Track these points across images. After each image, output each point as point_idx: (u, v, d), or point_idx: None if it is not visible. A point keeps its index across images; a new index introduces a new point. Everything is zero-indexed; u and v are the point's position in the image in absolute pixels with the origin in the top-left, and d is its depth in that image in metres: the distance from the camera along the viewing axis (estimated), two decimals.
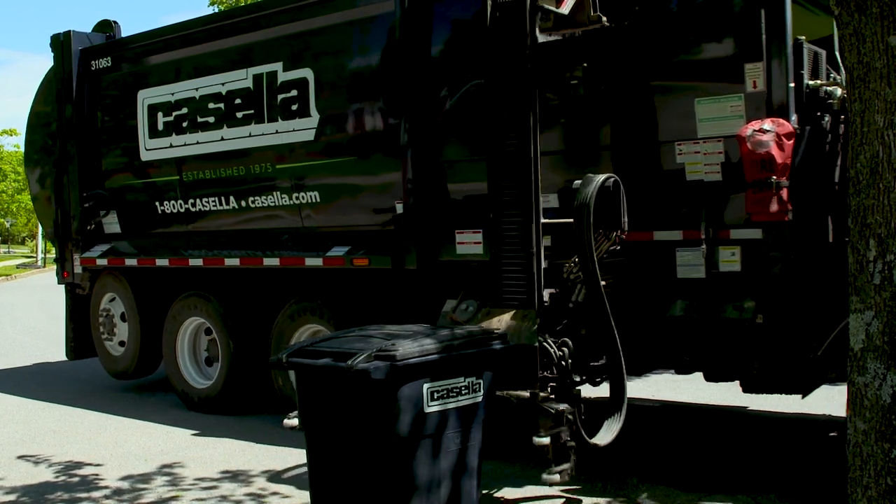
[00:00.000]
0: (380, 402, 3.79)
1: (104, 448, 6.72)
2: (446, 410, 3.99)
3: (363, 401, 3.83)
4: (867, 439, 3.26)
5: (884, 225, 3.19)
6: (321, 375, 3.98)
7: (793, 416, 6.86)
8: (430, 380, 3.93)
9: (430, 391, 3.92)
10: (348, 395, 3.88)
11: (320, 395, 4.03)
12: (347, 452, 3.94)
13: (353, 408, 3.89)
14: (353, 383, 3.80)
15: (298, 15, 6.96)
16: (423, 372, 3.91)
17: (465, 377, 4.09)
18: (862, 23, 3.18)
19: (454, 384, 4.01)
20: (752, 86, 4.97)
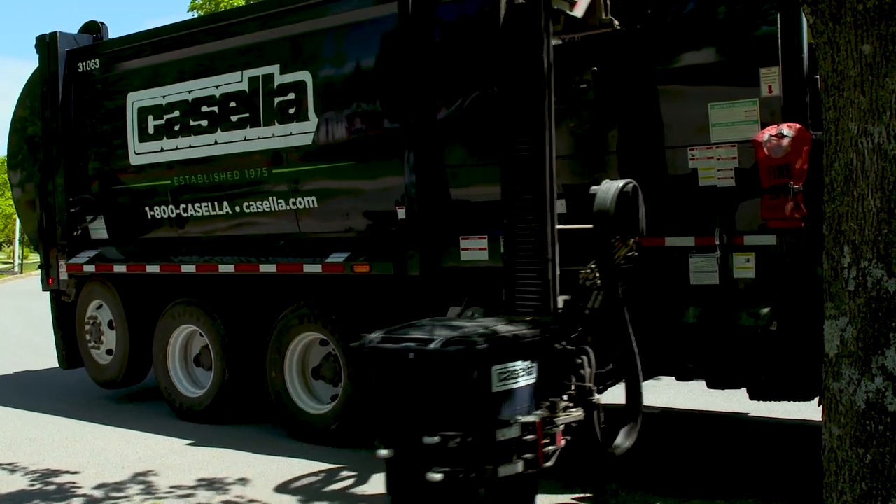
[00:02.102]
0: (454, 380, 4.27)
1: (81, 456, 6.66)
2: (509, 390, 4.38)
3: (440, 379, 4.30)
4: (842, 444, 3.30)
5: (858, 232, 3.21)
6: (403, 359, 4.38)
7: (790, 422, 6.85)
8: (499, 363, 4.33)
9: (496, 372, 4.32)
10: (427, 375, 4.32)
11: (399, 377, 4.44)
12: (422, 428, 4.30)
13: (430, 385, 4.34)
14: (433, 364, 4.27)
15: (297, 17, 6.85)
16: (494, 356, 4.32)
17: (526, 360, 4.47)
18: (836, 31, 3.21)
19: (517, 367, 4.42)
20: (768, 90, 4.93)
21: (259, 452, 6.52)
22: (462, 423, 4.24)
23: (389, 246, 6.33)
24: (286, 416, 6.93)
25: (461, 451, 4.24)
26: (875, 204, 3.14)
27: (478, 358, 4.28)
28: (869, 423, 3.20)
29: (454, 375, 4.28)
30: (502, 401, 4.35)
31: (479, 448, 4.26)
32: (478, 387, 4.28)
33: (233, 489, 5.73)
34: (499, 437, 4.28)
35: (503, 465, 4.31)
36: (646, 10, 5.34)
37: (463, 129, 6.09)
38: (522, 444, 4.38)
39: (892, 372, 3.12)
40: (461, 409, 4.27)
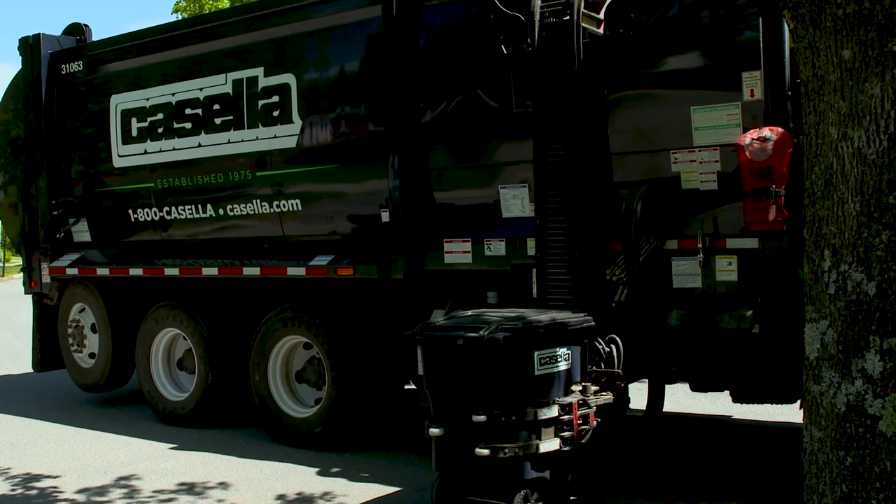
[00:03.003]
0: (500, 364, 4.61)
1: (63, 460, 6.62)
2: (548, 374, 4.73)
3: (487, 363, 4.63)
4: (823, 447, 3.31)
5: (838, 236, 3.23)
6: (452, 345, 4.76)
7: (773, 425, 6.88)
8: (541, 348, 4.69)
9: (538, 359, 4.66)
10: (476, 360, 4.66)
11: (450, 362, 4.80)
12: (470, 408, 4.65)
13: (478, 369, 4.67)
14: (481, 350, 4.61)
15: (281, 20, 6.83)
16: (538, 342, 4.70)
17: (563, 347, 4.81)
18: (816, 36, 3.23)
19: (556, 353, 4.77)
20: (750, 94, 4.95)
21: (242, 456, 6.50)
22: (507, 403, 4.61)
23: (373, 249, 6.33)
24: (270, 419, 6.91)
25: (506, 429, 4.61)
26: (855, 208, 3.16)
27: (522, 344, 4.65)
28: (849, 425, 3.21)
29: (500, 360, 4.63)
30: (543, 383, 4.72)
31: (522, 425, 4.62)
32: (521, 370, 4.65)
33: (215, 493, 5.71)
34: (540, 416, 4.65)
35: (544, 441, 4.66)
36: (629, 14, 5.36)
37: (447, 133, 6.09)
38: (560, 423, 4.72)
39: (872, 375, 3.14)
40: (506, 391, 4.64)
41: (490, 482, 4.75)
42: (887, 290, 3.10)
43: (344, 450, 6.51)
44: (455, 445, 4.77)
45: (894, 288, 3.09)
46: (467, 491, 4.86)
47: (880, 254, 3.11)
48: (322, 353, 6.60)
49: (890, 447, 3.12)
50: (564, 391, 4.82)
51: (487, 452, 4.60)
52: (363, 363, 6.55)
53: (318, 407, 6.68)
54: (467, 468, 4.79)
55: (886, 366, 3.11)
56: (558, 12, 5.24)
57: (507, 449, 4.60)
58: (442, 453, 4.87)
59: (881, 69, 3.06)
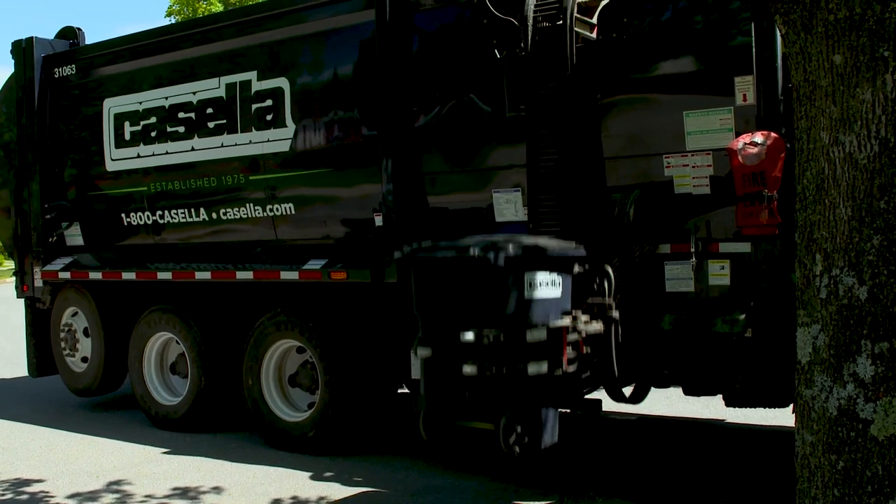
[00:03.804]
0: (493, 285, 4.62)
1: (55, 465, 6.60)
2: (538, 298, 4.71)
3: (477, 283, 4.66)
4: (814, 451, 3.33)
5: (829, 240, 3.24)
6: (443, 265, 4.80)
7: (766, 428, 6.89)
8: (533, 271, 4.67)
9: (529, 282, 4.65)
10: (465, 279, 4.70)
11: (439, 282, 4.82)
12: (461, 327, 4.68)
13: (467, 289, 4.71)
14: (471, 269, 4.65)
15: (275, 24, 6.83)
16: (529, 264, 4.66)
17: (554, 273, 4.80)
18: (808, 41, 3.24)
19: (546, 277, 4.74)
20: (742, 99, 4.97)
21: (235, 461, 6.48)
22: (496, 323, 4.63)
23: (367, 253, 6.32)
24: (263, 424, 6.89)
25: (494, 349, 4.64)
26: (846, 212, 3.17)
27: (512, 264, 4.62)
28: (841, 429, 3.22)
29: (490, 279, 4.64)
30: (532, 306, 4.70)
31: (509, 346, 4.64)
32: (511, 290, 4.64)
33: (208, 498, 5.69)
34: (528, 337, 4.65)
35: (531, 363, 4.66)
36: (622, 18, 5.37)
37: (441, 137, 6.09)
38: (549, 347, 4.72)
39: (864, 379, 3.15)
40: (495, 311, 4.64)
41: (477, 405, 4.77)
42: (878, 294, 3.11)
43: (337, 454, 6.50)
44: (443, 366, 4.79)
45: (885, 292, 3.10)
46: (455, 416, 4.89)
47: (871, 258, 3.12)
48: (315, 357, 6.59)
49: (881, 451, 3.13)
50: (554, 317, 4.80)
51: (475, 371, 4.63)
52: (356, 367, 6.54)
53: (311, 411, 6.67)
54: (455, 390, 4.79)
55: (878, 370, 3.13)
56: (551, 17, 5.26)
57: (495, 368, 4.62)
58: (430, 375, 4.90)
59: (872, 74, 3.07)
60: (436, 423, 4.94)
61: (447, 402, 4.89)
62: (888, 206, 3.08)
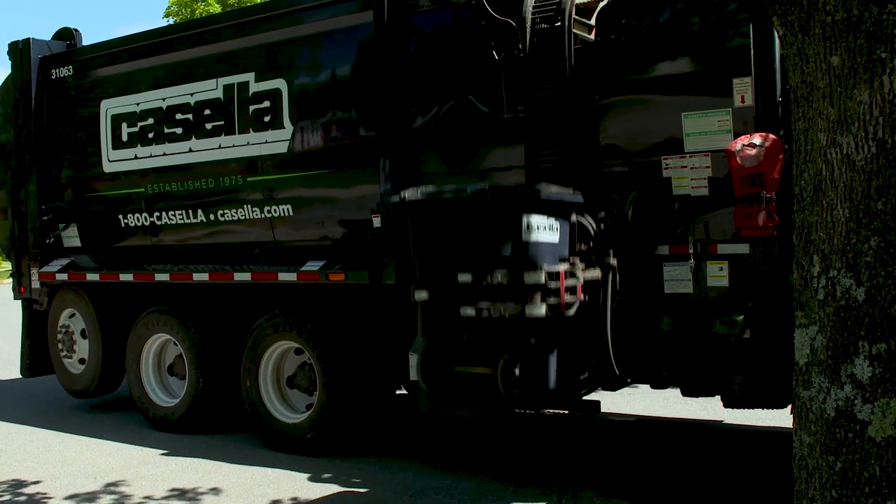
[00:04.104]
0: (490, 225, 4.66)
1: (53, 466, 6.60)
2: (536, 241, 4.73)
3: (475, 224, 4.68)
4: (812, 452, 3.32)
5: (827, 241, 3.24)
6: (441, 207, 4.82)
7: (764, 430, 6.89)
8: (530, 213, 4.68)
9: (527, 224, 4.67)
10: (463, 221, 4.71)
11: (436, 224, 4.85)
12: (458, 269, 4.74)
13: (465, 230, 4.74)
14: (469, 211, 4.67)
15: (272, 25, 6.83)
16: (527, 205, 4.69)
17: (552, 218, 4.81)
18: (805, 43, 3.24)
19: (544, 221, 4.76)
20: (741, 100, 4.97)
21: (233, 462, 6.48)
22: (493, 265, 4.66)
23: (365, 254, 6.32)
24: (261, 425, 6.88)
25: (491, 290, 4.65)
26: (844, 214, 3.17)
27: (509, 204, 4.64)
28: (839, 430, 3.22)
29: (487, 220, 4.66)
30: (530, 249, 4.71)
31: (507, 288, 4.64)
32: (508, 232, 4.65)
33: (206, 499, 5.69)
34: (526, 279, 4.66)
35: (529, 305, 4.66)
36: (620, 19, 5.37)
37: (439, 138, 6.09)
38: (547, 290, 4.71)
39: (861, 380, 3.15)
40: (493, 253, 4.68)
41: (475, 349, 4.78)
42: (876, 295, 3.11)
43: (335, 455, 6.50)
44: (441, 309, 4.78)
45: (883, 293, 3.10)
46: (453, 361, 4.90)
47: (869, 259, 3.12)
48: (313, 358, 6.58)
49: (879, 452, 3.13)
50: (552, 262, 4.79)
51: (472, 313, 4.64)
52: (354, 369, 6.54)
53: (309, 412, 6.67)
54: (453, 335, 4.81)
55: (875, 371, 3.12)
56: (549, 18, 5.26)
57: (493, 310, 4.61)
58: (428, 319, 4.91)
59: (870, 76, 3.07)
60: (433, 369, 4.94)
61: (445, 347, 4.89)
62: (886, 208, 3.08)
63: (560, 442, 6.86)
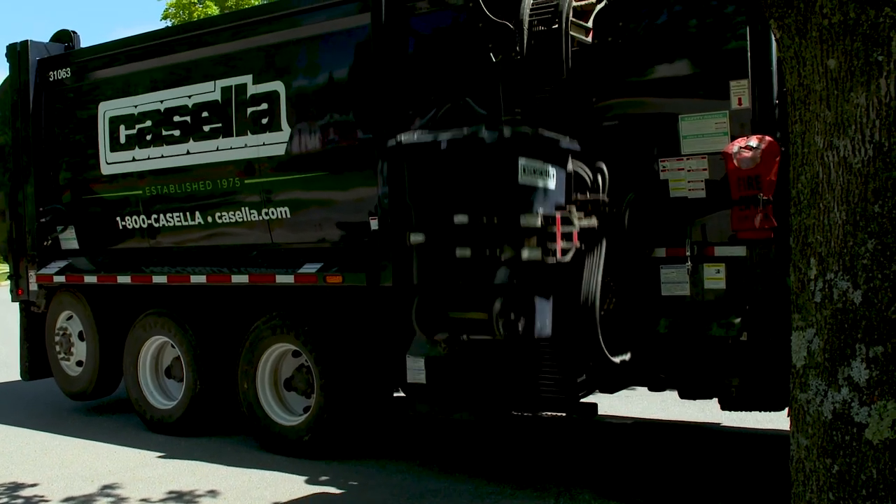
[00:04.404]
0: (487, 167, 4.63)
1: (50, 469, 6.59)
2: (533, 186, 4.72)
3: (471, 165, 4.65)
4: (809, 455, 3.33)
5: (824, 244, 3.24)
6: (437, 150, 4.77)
7: (761, 432, 6.89)
8: (526, 157, 4.66)
9: (522, 167, 4.64)
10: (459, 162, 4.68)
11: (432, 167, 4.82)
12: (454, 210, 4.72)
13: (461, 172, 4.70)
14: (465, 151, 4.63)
15: (270, 27, 6.83)
16: (522, 148, 4.66)
17: (549, 164, 4.79)
18: (802, 46, 3.25)
19: (541, 166, 4.73)
20: (738, 103, 4.98)
21: (231, 465, 6.47)
22: (489, 207, 4.62)
23: (362, 257, 6.31)
24: (258, 427, 6.88)
25: (487, 232, 4.64)
26: (841, 216, 3.17)
27: (506, 146, 4.60)
28: (836, 433, 3.22)
29: (484, 161, 4.63)
30: (526, 192, 4.69)
31: (503, 230, 4.63)
32: (505, 173, 4.61)
33: (204, 502, 5.68)
34: (522, 222, 4.64)
35: (525, 248, 4.66)
36: (617, 22, 5.38)
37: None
38: (543, 233, 4.71)
39: (858, 383, 3.15)
40: (489, 194, 4.65)
41: (469, 295, 4.76)
42: (873, 298, 3.11)
43: (333, 458, 6.49)
44: (436, 252, 4.78)
45: (880, 296, 3.10)
46: (447, 307, 4.89)
47: (866, 262, 3.13)
48: (311, 360, 6.58)
49: (876, 455, 3.13)
50: (548, 207, 4.77)
51: (468, 254, 4.62)
52: (352, 371, 6.54)
53: (306, 415, 6.66)
54: (448, 278, 4.79)
55: (872, 374, 3.13)
56: (547, 20, 5.26)
57: (488, 251, 4.60)
58: (423, 264, 4.89)
59: (866, 79, 3.08)
60: (429, 314, 4.93)
61: (440, 292, 4.87)
62: (882, 211, 3.09)
63: (558, 444, 6.85)
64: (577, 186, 5.10)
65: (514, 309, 4.69)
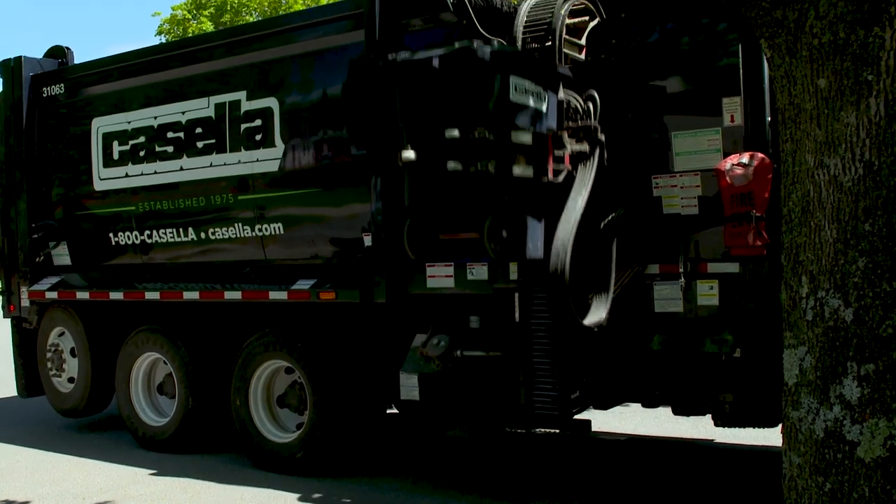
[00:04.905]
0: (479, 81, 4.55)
1: (41, 486, 6.55)
2: (525, 105, 4.67)
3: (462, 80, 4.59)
4: (802, 473, 3.33)
5: (815, 262, 3.26)
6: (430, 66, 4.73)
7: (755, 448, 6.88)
8: (518, 76, 4.61)
9: (514, 84, 4.59)
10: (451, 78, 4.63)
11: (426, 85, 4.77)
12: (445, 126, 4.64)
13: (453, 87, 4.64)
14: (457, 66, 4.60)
15: (264, 44, 6.84)
16: (514, 66, 4.60)
17: (540, 86, 4.74)
18: (792, 65, 3.27)
19: (532, 87, 4.68)
20: (730, 120, 5.00)
21: (223, 482, 6.44)
22: (481, 121, 4.57)
23: (356, 273, 6.30)
24: (251, 445, 6.85)
25: (479, 146, 4.59)
26: (831, 235, 3.18)
27: (498, 60, 4.56)
28: (828, 451, 3.22)
29: (476, 75, 4.57)
30: (517, 109, 4.65)
31: (494, 145, 4.57)
32: (497, 88, 4.55)
33: None
34: (513, 138, 4.60)
35: (516, 165, 4.64)
36: (610, 39, 5.40)
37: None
38: (534, 152, 4.69)
39: (850, 401, 3.15)
40: (481, 109, 4.59)
41: (461, 215, 4.76)
42: (864, 316, 3.12)
43: (326, 475, 6.46)
44: (428, 171, 4.75)
45: (871, 314, 3.11)
46: (438, 229, 4.90)
47: (857, 280, 3.14)
48: (304, 377, 6.56)
49: (868, 473, 3.13)
50: (540, 128, 4.75)
51: (458, 166, 4.58)
52: (345, 388, 6.52)
53: (299, 432, 6.64)
54: (439, 198, 4.77)
55: (864, 392, 3.13)
56: (540, 38, 5.29)
57: (479, 165, 4.55)
58: (415, 184, 4.85)
59: (856, 98, 3.10)
60: (420, 237, 4.92)
61: (431, 214, 4.86)
62: (873, 229, 3.10)
63: (551, 461, 6.83)
64: (568, 115, 5.10)
65: (506, 227, 4.66)
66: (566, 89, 5.07)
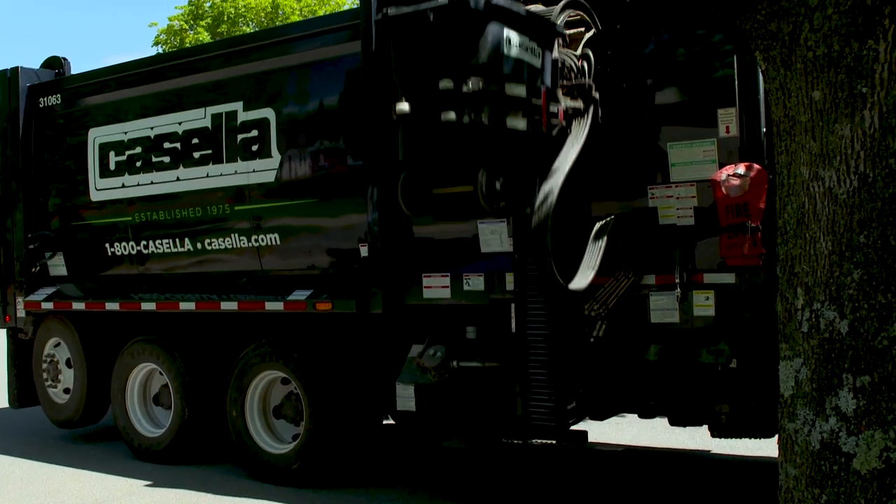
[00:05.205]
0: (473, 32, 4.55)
1: (36, 497, 6.53)
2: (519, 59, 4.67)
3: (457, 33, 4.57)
4: (798, 485, 3.31)
5: (810, 274, 3.25)
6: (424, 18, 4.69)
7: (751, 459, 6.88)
8: (513, 29, 4.62)
9: (508, 38, 4.60)
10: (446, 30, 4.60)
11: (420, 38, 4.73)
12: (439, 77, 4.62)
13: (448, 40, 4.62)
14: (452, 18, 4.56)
15: (261, 54, 6.85)
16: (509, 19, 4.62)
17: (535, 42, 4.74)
18: (787, 78, 3.27)
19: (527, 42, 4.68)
20: (725, 131, 5.01)
21: (219, 493, 6.42)
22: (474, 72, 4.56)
23: (352, 283, 6.30)
24: (247, 456, 6.83)
25: (472, 97, 4.56)
26: (827, 247, 3.18)
27: (492, 11, 4.55)
28: (824, 463, 3.21)
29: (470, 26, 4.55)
30: (512, 62, 4.65)
31: (489, 96, 4.56)
32: (490, 40, 4.57)
33: None
34: (507, 90, 4.59)
35: (511, 118, 4.63)
36: (606, 50, 5.42)
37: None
38: (528, 105, 4.68)
39: (846, 412, 3.15)
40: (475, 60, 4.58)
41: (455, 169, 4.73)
42: (859, 328, 3.12)
43: (322, 486, 6.45)
44: (422, 123, 4.74)
45: (866, 326, 3.10)
46: (433, 184, 4.90)
47: (852, 292, 3.13)
48: (300, 388, 6.55)
49: (864, 485, 3.13)
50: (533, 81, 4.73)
51: (453, 117, 4.57)
52: (341, 399, 6.51)
53: (295, 443, 6.62)
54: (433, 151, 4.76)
55: (860, 403, 3.12)
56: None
57: (473, 116, 4.55)
58: (409, 137, 4.86)
59: (851, 111, 3.10)
60: (414, 192, 4.92)
61: (425, 169, 4.87)
62: (868, 241, 3.10)
63: (547, 472, 6.82)
64: (563, 73, 5.10)
65: (500, 179, 4.66)
66: (562, 49, 5.10)
